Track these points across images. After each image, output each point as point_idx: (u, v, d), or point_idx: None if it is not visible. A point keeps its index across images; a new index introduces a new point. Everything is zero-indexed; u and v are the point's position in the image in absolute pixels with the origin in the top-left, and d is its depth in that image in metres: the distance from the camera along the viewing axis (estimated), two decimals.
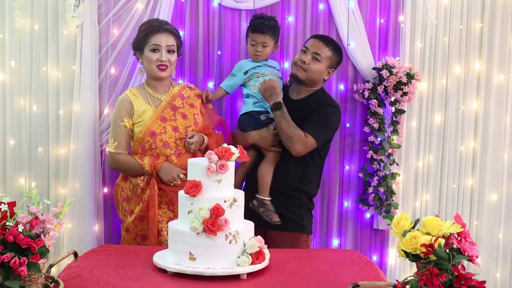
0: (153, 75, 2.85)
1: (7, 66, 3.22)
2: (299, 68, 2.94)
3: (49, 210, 1.97)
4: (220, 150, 2.19)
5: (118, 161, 2.82)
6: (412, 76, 3.25)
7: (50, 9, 3.14)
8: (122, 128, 2.81)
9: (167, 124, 2.82)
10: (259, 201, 2.88)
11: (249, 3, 3.23)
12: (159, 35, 2.80)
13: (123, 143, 2.82)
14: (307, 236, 2.97)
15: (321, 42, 2.95)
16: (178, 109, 2.88)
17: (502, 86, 3.54)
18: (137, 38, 2.87)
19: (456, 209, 3.54)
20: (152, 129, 2.79)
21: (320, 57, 2.91)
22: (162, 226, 2.80)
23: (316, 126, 2.86)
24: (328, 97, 2.99)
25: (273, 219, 2.85)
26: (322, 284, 2.11)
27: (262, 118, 2.95)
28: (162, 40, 2.80)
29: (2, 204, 1.81)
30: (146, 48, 2.82)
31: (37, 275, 1.82)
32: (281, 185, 2.91)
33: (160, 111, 2.83)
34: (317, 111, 2.88)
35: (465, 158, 3.56)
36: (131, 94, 2.87)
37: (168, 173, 2.75)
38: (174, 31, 2.87)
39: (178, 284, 2.06)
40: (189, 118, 2.88)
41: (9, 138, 3.26)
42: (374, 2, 3.33)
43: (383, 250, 3.45)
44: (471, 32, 3.49)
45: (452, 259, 1.76)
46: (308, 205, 3.00)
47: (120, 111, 2.83)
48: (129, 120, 2.82)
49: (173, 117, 2.85)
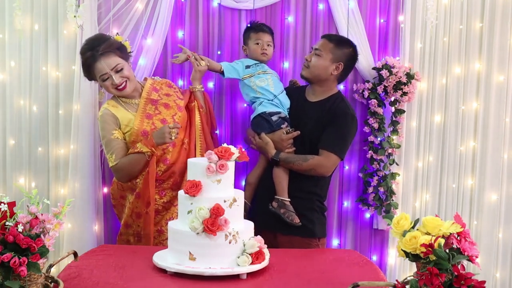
0: (120, 95, 2.82)
1: (7, 66, 3.22)
2: (303, 67, 2.96)
3: (49, 210, 1.97)
4: (220, 150, 2.19)
5: (121, 168, 2.75)
6: (412, 76, 3.25)
7: (50, 9, 3.14)
8: (115, 140, 2.76)
9: (154, 119, 2.81)
10: (280, 202, 2.86)
11: (249, 3, 3.23)
12: (97, 64, 2.70)
13: (121, 152, 2.76)
14: (318, 240, 2.94)
15: (325, 39, 2.95)
16: (157, 101, 2.86)
17: (502, 86, 3.54)
18: (84, 73, 2.81)
19: (456, 209, 3.54)
20: (143, 129, 2.77)
21: (320, 52, 2.90)
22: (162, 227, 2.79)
23: (336, 142, 2.84)
24: (344, 104, 2.92)
25: (294, 220, 2.81)
26: (322, 284, 2.11)
27: (274, 119, 2.93)
28: (103, 68, 2.70)
29: (2, 204, 1.81)
30: (97, 79, 2.76)
31: (37, 275, 1.82)
32: (294, 188, 2.88)
33: (142, 109, 2.82)
34: (335, 123, 2.84)
35: (465, 158, 3.56)
36: (110, 106, 2.82)
37: (161, 134, 2.69)
38: (109, 50, 2.71)
39: (178, 284, 2.06)
40: (171, 106, 2.87)
41: (9, 138, 3.27)
42: (374, 2, 3.33)
43: (383, 250, 3.45)
44: (471, 32, 3.48)
45: (452, 259, 1.76)
46: (320, 207, 2.98)
47: (107, 125, 2.78)
48: (119, 131, 2.78)
49: (157, 111, 2.84)
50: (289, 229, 2.84)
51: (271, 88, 2.97)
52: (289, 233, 2.84)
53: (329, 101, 2.92)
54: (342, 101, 2.94)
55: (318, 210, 2.96)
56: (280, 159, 2.86)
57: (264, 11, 3.28)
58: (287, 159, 2.85)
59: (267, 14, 3.29)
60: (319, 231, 2.94)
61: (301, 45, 3.32)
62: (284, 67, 3.32)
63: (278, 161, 2.86)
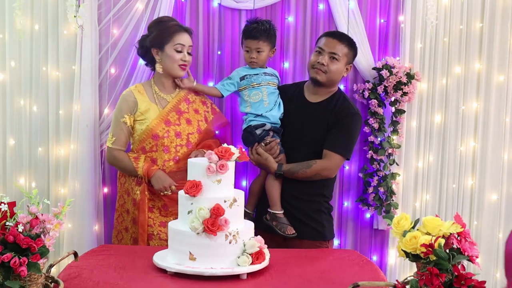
0: (174, 74, 2.84)
1: (7, 66, 3.22)
2: (319, 71, 2.85)
3: (49, 210, 1.97)
4: (220, 150, 2.19)
5: (115, 158, 2.84)
6: (412, 76, 3.25)
7: (50, 9, 3.14)
8: (122, 124, 2.81)
9: (171, 128, 2.81)
10: (271, 215, 2.84)
11: (249, 3, 3.23)
12: (184, 35, 2.82)
13: (122, 139, 2.83)
14: (328, 242, 2.94)
15: (335, 40, 2.87)
16: (183, 113, 2.87)
17: (502, 86, 3.54)
18: (160, 35, 2.81)
19: (456, 209, 3.54)
20: (155, 132, 2.78)
21: (338, 56, 2.84)
22: (153, 230, 2.80)
23: (341, 143, 2.83)
24: (348, 103, 2.91)
25: (287, 232, 2.79)
26: (322, 284, 2.11)
27: (258, 132, 2.88)
28: (186, 40, 2.82)
29: (2, 204, 1.81)
30: (168, 46, 2.79)
31: (37, 275, 1.82)
32: (301, 191, 2.87)
33: (165, 114, 2.83)
34: (340, 124, 2.83)
35: (465, 158, 3.56)
36: (136, 90, 2.86)
37: (161, 182, 2.74)
38: (191, 32, 2.90)
39: (178, 284, 2.06)
40: (193, 125, 2.88)
41: (9, 138, 3.26)
42: (374, 2, 3.33)
43: (383, 250, 3.45)
44: (471, 32, 3.48)
45: (452, 259, 1.76)
46: (327, 208, 2.97)
47: (122, 107, 2.83)
48: (130, 117, 2.81)
49: (178, 122, 2.84)
50: (300, 233, 2.82)
51: (265, 103, 2.91)
52: (299, 237, 2.82)
53: (331, 102, 2.91)
54: (344, 100, 2.92)
55: (326, 212, 2.96)
56: (284, 172, 2.82)
57: (264, 11, 3.27)
58: (290, 170, 2.82)
59: (267, 14, 3.28)
60: (328, 233, 2.95)
61: (301, 45, 3.32)
62: (284, 67, 3.32)
63: (282, 174, 2.83)
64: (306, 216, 2.87)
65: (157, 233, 2.78)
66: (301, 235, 2.83)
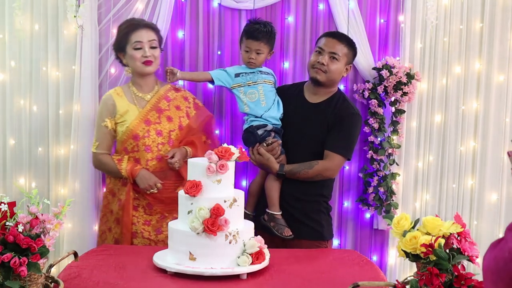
0: (140, 72, 2.84)
1: (7, 66, 3.22)
2: (319, 71, 2.84)
3: (49, 210, 1.97)
4: (220, 150, 2.19)
5: (100, 162, 2.87)
6: (412, 76, 3.25)
7: (50, 9, 3.14)
8: (104, 128, 2.83)
9: (151, 127, 2.82)
10: (270, 215, 2.84)
11: (249, 3, 3.23)
12: (139, 31, 2.79)
13: (105, 143, 2.85)
14: (327, 242, 2.94)
15: (335, 40, 2.87)
16: (163, 111, 2.86)
17: (502, 86, 3.54)
18: (118, 39, 2.85)
19: (456, 209, 3.53)
20: (135, 132, 2.79)
21: (337, 56, 2.84)
22: (137, 228, 2.80)
23: (342, 143, 2.83)
24: (347, 104, 2.91)
25: (284, 233, 2.79)
26: (322, 284, 2.11)
27: (260, 132, 2.87)
28: (143, 36, 2.79)
29: (2, 204, 1.81)
30: (128, 47, 2.80)
31: (37, 275, 1.82)
32: (301, 192, 2.87)
33: (145, 113, 2.83)
34: (341, 125, 2.83)
35: (465, 158, 3.56)
36: (115, 93, 2.86)
37: (146, 180, 2.75)
38: (153, 26, 2.88)
39: (178, 284, 2.06)
40: (174, 121, 2.87)
41: (9, 138, 3.26)
42: (374, 2, 3.33)
43: (383, 250, 3.45)
44: (471, 32, 3.48)
45: (452, 259, 1.76)
46: (326, 208, 2.97)
47: (102, 111, 2.85)
48: (111, 120, 2.82)
49: (158, 120, 2.84)
50: (299, 233, 2.82)
51: (262, 103, 2.90)
52: (298, 237, 2.82)
53: (332, 102, 2.90)
54: (344, 100, 2.92)
55: (325, 212, 2.96)
56: (286, 172, 2.82)
57: (264, 11, 3.27)
58: (292, 170, 2.82)
59: (267, 14, 3.28)
60: (327, 233, 2.94)
61: (301, 45, 3.32)
62: (284, 67, 3.32)
63: (284, 174, 2.83)
64: (305, 216, 2.87)
65: (141, 231, 2.79)
66: (300, 235, 2.83)
